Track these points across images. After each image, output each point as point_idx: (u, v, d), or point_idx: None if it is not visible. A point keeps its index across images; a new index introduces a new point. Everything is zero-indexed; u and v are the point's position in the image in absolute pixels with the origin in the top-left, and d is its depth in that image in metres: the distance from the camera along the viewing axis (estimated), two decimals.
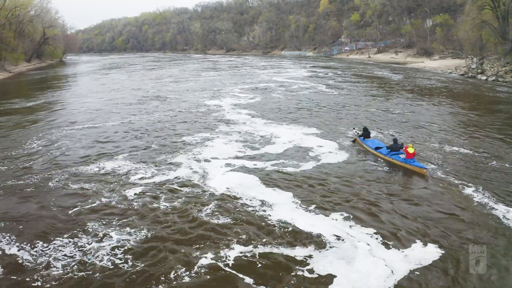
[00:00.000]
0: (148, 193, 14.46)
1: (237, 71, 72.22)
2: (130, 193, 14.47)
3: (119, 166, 17.65)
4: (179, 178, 16.08)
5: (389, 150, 17.98)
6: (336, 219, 12.18)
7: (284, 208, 13.05)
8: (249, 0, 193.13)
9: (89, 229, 11.69)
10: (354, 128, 22.53)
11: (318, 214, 12.61)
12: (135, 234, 11.34)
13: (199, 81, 54.85)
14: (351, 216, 12.31)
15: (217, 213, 12.73)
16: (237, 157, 18.76)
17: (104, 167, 17.59)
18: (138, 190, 14.77)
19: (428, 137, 22.02)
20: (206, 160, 18.31)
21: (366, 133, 20.29)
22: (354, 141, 21.16)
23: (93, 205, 13.46)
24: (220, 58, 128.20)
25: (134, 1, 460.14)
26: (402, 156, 17.31)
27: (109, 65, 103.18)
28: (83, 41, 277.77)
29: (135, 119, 28.13)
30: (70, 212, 12.93)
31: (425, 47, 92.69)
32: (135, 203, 13.55)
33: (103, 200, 13.88)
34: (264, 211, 12.84)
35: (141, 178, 16.09)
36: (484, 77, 47.78)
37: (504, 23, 50.05)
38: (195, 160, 18.48)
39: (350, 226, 11.73)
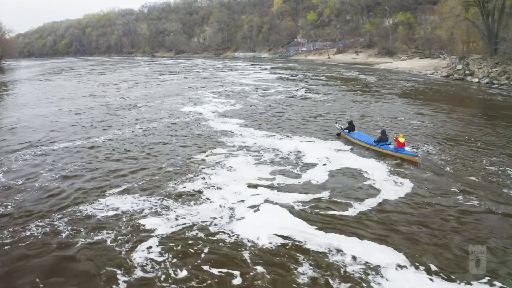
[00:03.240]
0: (164, 252, 10.19)
1: (196, 73, 68.70)
2: (139, 256, 9.98)
3: (115, 207, 12.84)
4: (199, 224, 11.67)
5: (378, 141, 18.37)
6: None
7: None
8: (198, 0, 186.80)
9: None
10: (336, 123, 22.75)
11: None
12: None
13: (162, 85, 49.97)
14: None
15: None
16: (264, 185, 14.51)
17: (92, 211, 12.62)
18: (149, 245, 10.51)
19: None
20: (225, 188, 14.27)
21: (351, 126, 20.70)
22: (338, 135, 21.43)
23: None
24: (170, 61, 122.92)
25: (77, 3, 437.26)
26: (391, 146, 17.88)
27: (51, 70, 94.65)
28: (23, 45, 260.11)
29: (116, 133, 23.00)
30: None
31: (387, 46, 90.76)
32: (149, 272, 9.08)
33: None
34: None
35: (150, 229, 11.40)
36: (476, 79, 44.19)
37: (488, 21, 47.41)
38: (212, 189, 14.24)
39: None
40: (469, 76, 45.76)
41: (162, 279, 9.04)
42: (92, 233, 11.07)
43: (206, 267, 9.46)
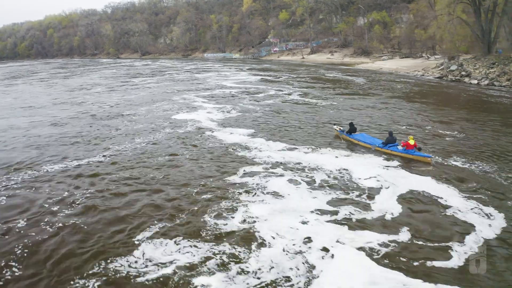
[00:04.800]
0: None
1: (171, 76, 65.36)
2: None
3: (153, 259, 9.81)
4: (271, 282, 8.93)
5: (386, 142, 18.00)
6: None
7: None
8: (164, 0, 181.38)
9: None
10: (335, 125, 22.44)
11: None
12: None
13: (141, 90, 46.43)
14: None
15: None
16: (328, 220, 11.71)
17: (127, 269, 9.64)
18: None
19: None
20: (279, 223, 11.48)
21: (352, 128, 20.29)
22: (335, 137, 21.07)
23: None
24: (136, 63, 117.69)
25: (39, 4, 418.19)
26: (400, 147, 17.49)
27: (10, 75, 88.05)
28: None
29: (115, 151, 19.49)
30: None
31: (363, 46, 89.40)
32: None
33: None
34: None
35: None
36: (474, 81, 41.57)
37: (480, 20, 45.88)
38: (263, 224, 11.36)
39: None
40: (466, 77, 43.54)
41: None
42: None
43: None
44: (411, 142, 17.09)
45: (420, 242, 10.31)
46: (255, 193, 13.39)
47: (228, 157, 17.64)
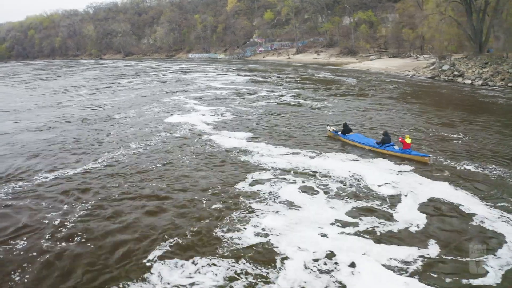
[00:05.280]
0: None
1: (157, 77, 64.09)
2: None
3: (170, 282, 8.97)
4: None
5: (382, 142, 17.85)
6: None
7: None
8: (147, 0, 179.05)
9: None
10: (328, 125, 22.41)
11: None
12: None
13: (127, 91, 45.14)
14: None
15: None
16: (349, 232, 11.00)
17: None
18: None
19: None
20: (298, 236, 10.71)
21: (347, 129, 20.19)
22: (328, 137, 20.93)
23: None
24: (119, 64, 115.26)
25: (19, 4, 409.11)
26: (396, 147, 17.41)
27: None
28: None
29: (110, 158, 18.31)
30: None
31: (349, 46, 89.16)
32: None
33: None
34: None
35: None
36: (468, 81, 41.16)
37: (472, 19, 45.70)
38: (280, 238, 10.53)
39: None
40: (459, 77, 43.12)
41: None
42: None
43: None
44: (408, 140, 17.09)
45: (450, 257, 9.66)
46: (268, 203, 12.62)
47: (231, 163, 16.82)
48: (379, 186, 13.77)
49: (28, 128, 26.14)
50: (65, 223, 11.72)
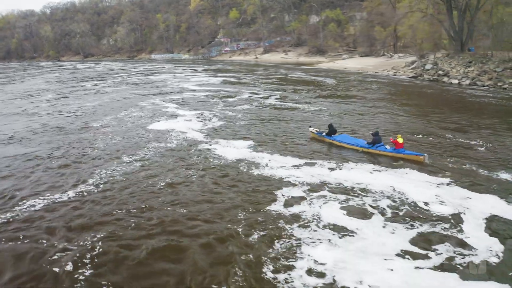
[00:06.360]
0: None
1: (123, 79, 61.00)
2: None
3: None
4: None
5: (373, 143, 17.44)
6: None
7: None
8: None
9: None
10: (310, 126, 21.64)
11: None
12: None
13: (98, 95, 42.01)
14: None
15: None
16: (423, 266, 9.30)
17: None
18: None
19: None
20: (363, 270, 8.92)
21: (332, 130, 19.62)
22: (311, 139, 20.37)
23: None
24: (79, 65, 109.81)
25: None
26: (388, 147, 17.12)
27: None
28: None
29: (105, 177, 15.66)
30: None
31: (317, 45, 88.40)
32: None
33: None
34: None
35: None
36: (455, 81, 40.28)
37: (452, 17, 45.20)
38: (345, 275, 8.66)
39: None
40: (444, 76, 42.33)
41: None
42: None
43: None
44: (400, 140, 16.84)
45: None
46: (313, 228, 10.77)
47: (247, 179, 14.73)
48: (428, 203, 12.15)
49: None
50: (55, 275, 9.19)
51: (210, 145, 19.79)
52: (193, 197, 13.25)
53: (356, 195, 12.90)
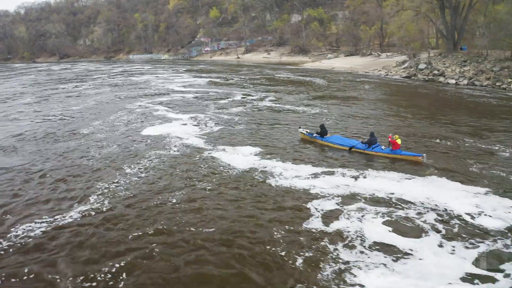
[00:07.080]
0: None
1: (104, 80, 58.86)
2: None
3: None
4: None
5: (368, 144, 17.17)
6: None
7: None
8: None
9: None
10: (300, 127, 21.26)
11: None
12: None
13: (80, 98, 39.97)
14: None
15: None
16: None
17: None
18: None
19: None
20: None
21: (323, 130, 19.36)
22: (301, 140, 20.12)
23: None
24: (55, 67, 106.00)
25: None
26: (383, 147, 16.95)
27: None
28: None
29: (111, 195, 14.09)
30: None
31: (300, 44, 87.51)
32: None
33: None
34: None
35: None
36: (452, 81, 39.41)
37: (445, 16, 44.67)
38: None
39: None
40: (439, 76, 41.50)
41: None
42: None
43: None
44: (398, 141, 16.61)
45: None
46: (359, 248, 9.63)
47: (267, 191, 13.47)
48: (473, 215, 11.18)
49: None
50: None
51: (213, 152, 18.50)
52: (216, 216, 11.83)
53: (396, 207, 11.81)
